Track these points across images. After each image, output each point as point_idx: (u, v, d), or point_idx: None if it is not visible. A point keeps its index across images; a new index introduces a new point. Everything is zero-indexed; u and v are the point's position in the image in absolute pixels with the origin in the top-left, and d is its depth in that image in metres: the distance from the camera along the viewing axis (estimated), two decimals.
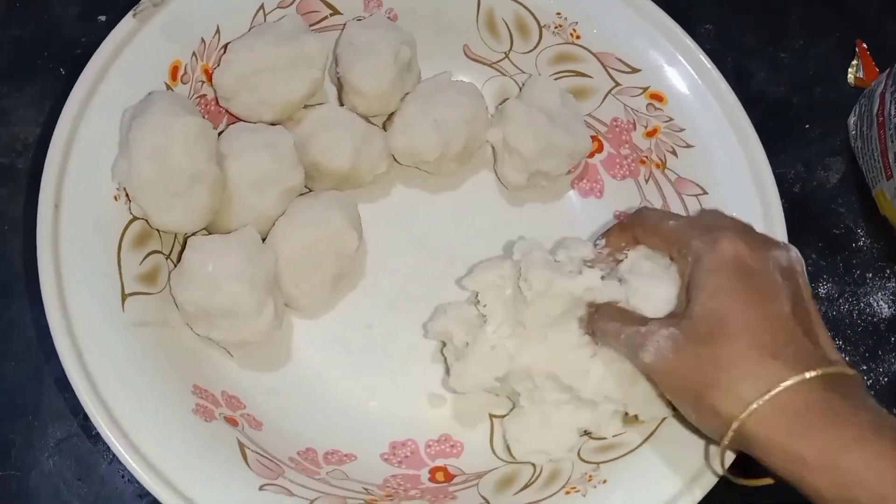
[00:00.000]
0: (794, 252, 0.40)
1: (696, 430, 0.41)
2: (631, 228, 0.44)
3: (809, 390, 0.35)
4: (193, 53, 0.47)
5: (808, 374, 0.35)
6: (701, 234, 0.39)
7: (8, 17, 0.55)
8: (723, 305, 0.37)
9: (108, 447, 0.42)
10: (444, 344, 0.47)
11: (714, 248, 0.38)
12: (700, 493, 0.40)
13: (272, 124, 0.48)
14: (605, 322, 0.41)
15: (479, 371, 0.44)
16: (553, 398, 0.43)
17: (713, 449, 0.40)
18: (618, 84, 0.51)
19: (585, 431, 0.44)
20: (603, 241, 0.45)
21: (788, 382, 0.35)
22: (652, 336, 0.38)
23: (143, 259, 0.44)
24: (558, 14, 0.51)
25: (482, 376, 0.44)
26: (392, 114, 0.51)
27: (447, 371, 0.46)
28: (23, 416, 0.46)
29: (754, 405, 0.35)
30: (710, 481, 0.40)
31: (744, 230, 0.40)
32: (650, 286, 0.41)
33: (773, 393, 0.34)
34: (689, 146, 0.50)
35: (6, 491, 0.45)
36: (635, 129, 0.51)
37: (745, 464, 0.38)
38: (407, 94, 0.50)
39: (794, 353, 0.36)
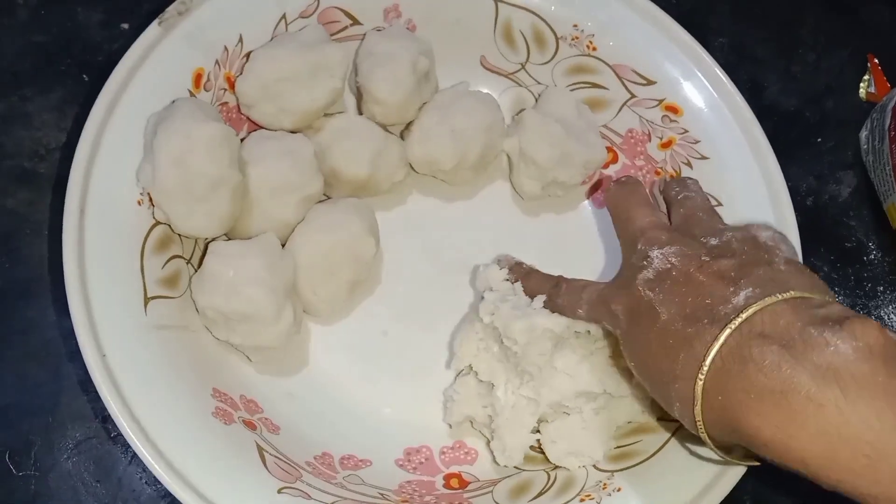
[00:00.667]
0: (656, 259, 0.39)
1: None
2: (528, 277, 0.46)
3: (720, 371, 0.34)
4: (216, 61, 0.48)
5: (705, 362, 0.34)
6: (600, 312, 0.41)
7: (32, 23, 0.55)
8: (637, 360, 0.39)
9: (128, 448, 0.43)
10: (471, 422, 0.46)
11: (612, 319, 0.40)
12: (714, 502, 0.41)
13: (292, 132, 0.49)
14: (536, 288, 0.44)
15: (516, 437, 0.44)
16: (590, 407, 0.43)
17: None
18: (633, 96, 0.52)
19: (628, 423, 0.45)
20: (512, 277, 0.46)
21: (698, 386, 0.34)
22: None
23: (165, 263, 0.45)
24: (575, 26, 0.52)
25: (521, 438, 0.44)
26: (410, 123, 0.51)
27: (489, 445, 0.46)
28: (42, 417, 0.46)
29: (697, 416, 0.35)
30: (724, 490, 0.41)
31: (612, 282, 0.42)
32: (511, 307, 0.44)
33: (698, 398, 0.35)
34: (703, 158, 0.50)
35: (25, 491, 0.45)
36: (650, 140, 0.52)
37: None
38: (425, 103, 0.51)
39: (686, 355, 0.35)
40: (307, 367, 0.47)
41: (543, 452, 0.45)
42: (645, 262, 0.39)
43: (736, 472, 0.41)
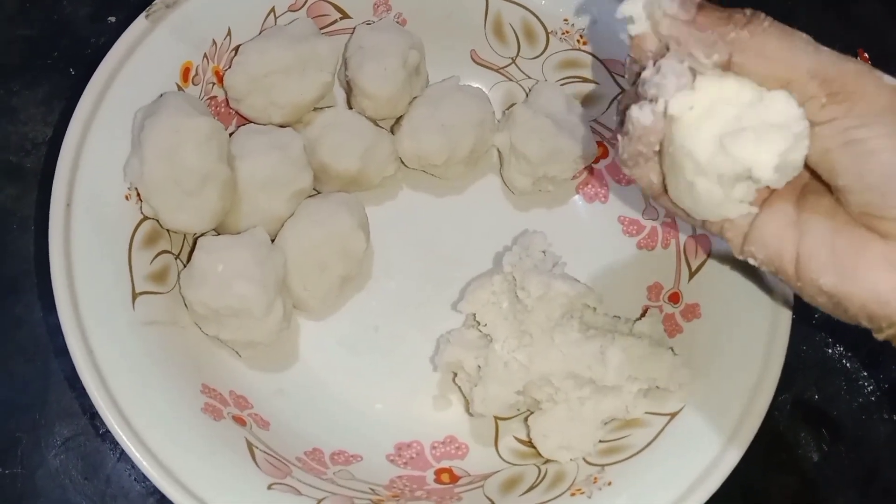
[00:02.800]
0: None
1: (700, 432, 0.42)
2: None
3: None
4: (205, 55, 0.47)
5: None
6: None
7: (18, 16, 0.55)
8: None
9: (116, 445, 0.43)
10: (454, 374, 0.47)
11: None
12: (704, 496, 0.41)
13: (282, 126, 0.48)
14: None
15: (500, 390, 0.44)
16: (576, 395, 0.44)
17: None
18: (623, 90, 0.52)
19: (612, 420, 0.44)
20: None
21: None
22: None
23: (154, 258, 0.44)
24: (565, 20, 0.51)
25: (503, 394, 0.44)
26: (400, 117, 0.51)
27: (466, 399, 0.46)
28: (29, 414, 0.46)
29: None
30: (714, 484, 0.41)
31: None
32: (534, 264, 0.46)
33: None
34: None
35: (12, 489, 0.45)
36: None
37: None
38: (415, 98, 0.51)
39: None
40: (297, 363, 0.47)
41: (534, 447, 0.45)
42: None
43: (727, 466, 0.41)
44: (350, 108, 0.51)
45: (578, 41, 0.52)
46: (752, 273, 0.45)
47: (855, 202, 0.32)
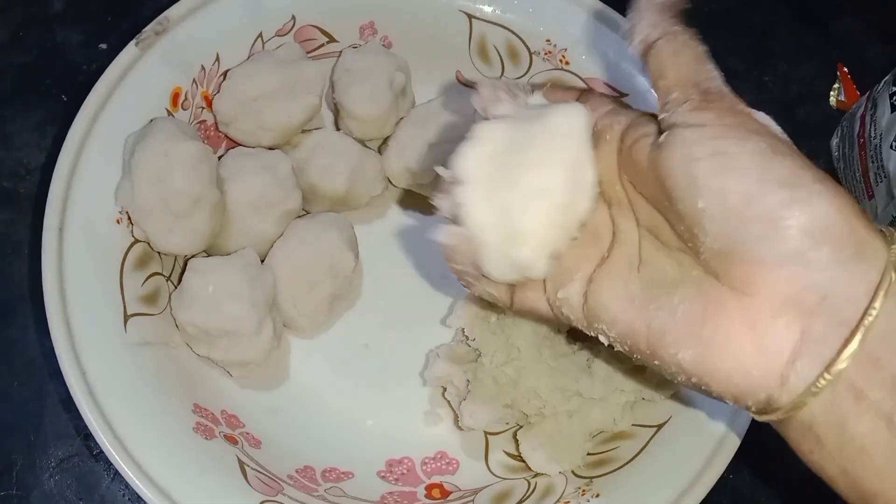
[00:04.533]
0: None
1: (687, 443, 0.42)
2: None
3: None
4: (194, 80, 0.48)
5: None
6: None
7: (12, 44, 0.56)
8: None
9: (110, 466, 0.43)
10: (443, 389, 0.47)
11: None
12: None
13: (270, 149, 0.49)
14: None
15: (488, 404, 0.45)
16: (564, 409, 0.44)
17: None
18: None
19: (600, 432, 0.45)
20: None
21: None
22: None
23: (145, 281, 0.45)
24: (548, 41, 0.53)
25: (492, 409, 0.45)
26: (387, 138, 0.52)
27: (455, 414, 0.47)
28: (24, 436, 0.47)
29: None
30: (700, 493, 0.41)
31: None
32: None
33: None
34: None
35: None
36: None
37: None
38: (401, 118, 0.52)
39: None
40: (288, 381, 0.47)
41: (524, 461, 0.45)
42: None
43: (713, 475, 0.42)
44: (338, 129, 0.52)
45: (561, 61, 0.53)
46: None
47: (712, 232, 0.28)
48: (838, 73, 0.62)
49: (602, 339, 0.32)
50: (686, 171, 0.29)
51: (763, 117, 0.30)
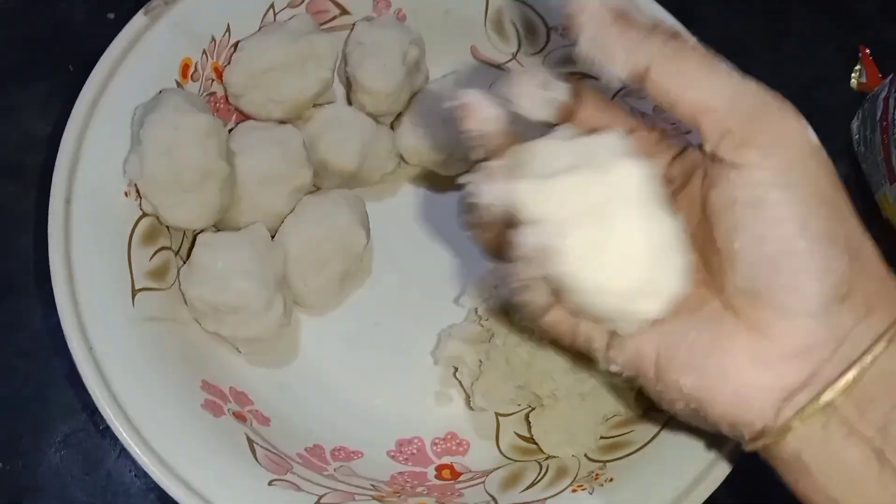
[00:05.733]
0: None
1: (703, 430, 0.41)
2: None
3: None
4: (204, 51, 0.47)
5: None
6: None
7: (18, 13, 0.55)
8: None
9: (116, 442, 0.42)
10: (455, 369, 0.47)
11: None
12: (707, 492, 0.41)
13: (281, 122, 0.48)
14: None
15: (501, 385, 0.44)
16: (577, 391, 0.43)
17: None
18: (624, 86, 0.52)
19: (615, 416, 0.44)
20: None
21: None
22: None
23: (153, 255, 0.44)
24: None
25: (504, 389, 0.44)
26: (400, 113, 0.51)
27: (467, 395, 0.46)
28: (30, 411, 0.46)
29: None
30: (716, 479, 0.41)
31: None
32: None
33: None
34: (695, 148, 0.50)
35: (14, 485, 0.45)
36: None
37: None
38: (415, 93, 0.51)
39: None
40: (298, 359, 0.47)
41: (536, 443, 0.45)
42: None
43: (730, 460, 0.41)
44: (350, 104, 0.51)
45: None
46: None
47: (743, 274, 0.28)
48: (860, 55, 0.61)
49: (612, 367, 0.33)
50: (728, 212, 0.29)
51: (809, 133, 0.29)
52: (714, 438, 0.41)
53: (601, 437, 0.44)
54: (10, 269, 0.49)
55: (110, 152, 0.44)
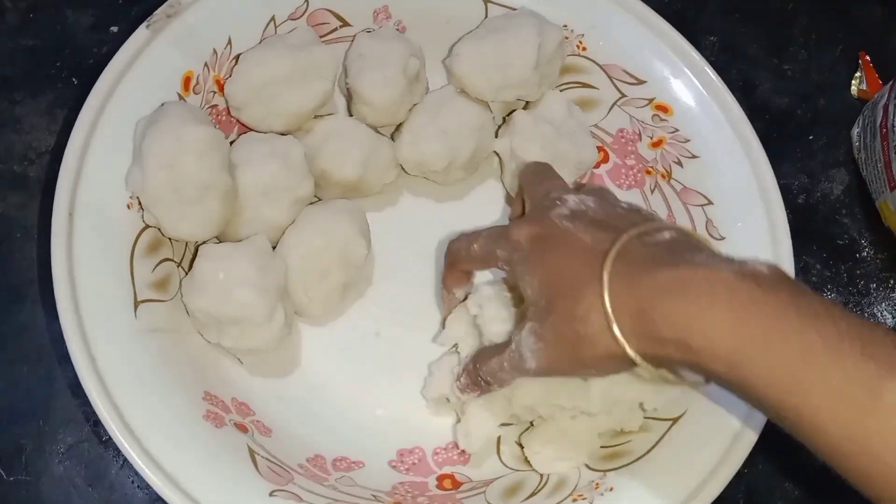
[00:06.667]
0: (571, 201, 0.40)
1: (703, 437, 0.41)
2: (454, 266, 0.45)
3: (629, 272, 0.35)
4: (205, 64, 0.48)
5: (608, 258, 0.36)
6: (497, 241, 0.42)
7: (22, 26, 0.55)
8: (543, 276, 0.39)
9: (119, 453, 0.43)
10: (447, 400, 0.46)
11: (511, 243, 0.40)
12: (707, 501, 0.41)
13: (282, 134, 0.49)
14: (487, 365, 0.41)
15: (483, 427, 0.44)
16: (567, 415, 0.43)
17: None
18: (623, 95, 0.52)
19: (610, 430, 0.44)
20: (444, 291, 0.47)
21: (605, 278, 0.35)
22: (521, 344, 0.39)
23: (155, 267, 0.45)
24: (565, 26, 0.52)
25: (487, 430, 0.44)
26: (400, 124, 0.51)
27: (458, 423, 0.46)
28: (34, 421, 0.46)
29: (613, 325, 0.35)
30: (715, 489, 0.41)
31: (526, 212, 0.43)
32: (497, 309, 0.43)
33: (606, 300, 0.35)
34: (694, 157, 0.50)
35: (17, 496, 0.45)
36: (641, 139, 0.52)
37: None
38: (415, 104, 0.51)
39: (594, 257, 0.37)
40: (299, 369, 0.47)
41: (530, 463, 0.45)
42: (559, 203, 0.40)
43: (729, 471, 0.41)
44: (350, 115, 0.51)
45: (578, 46, 0.52)
46: None
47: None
48: (860, 62, 0.61)
49: None
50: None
51: None
52: (716, 448, 0.41)
53: (601, 447, 0.44)
54: (14, 280, 0.49)
55: (113, 165, 0.44)
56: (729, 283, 0.33)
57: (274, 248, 0.46)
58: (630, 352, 0.35)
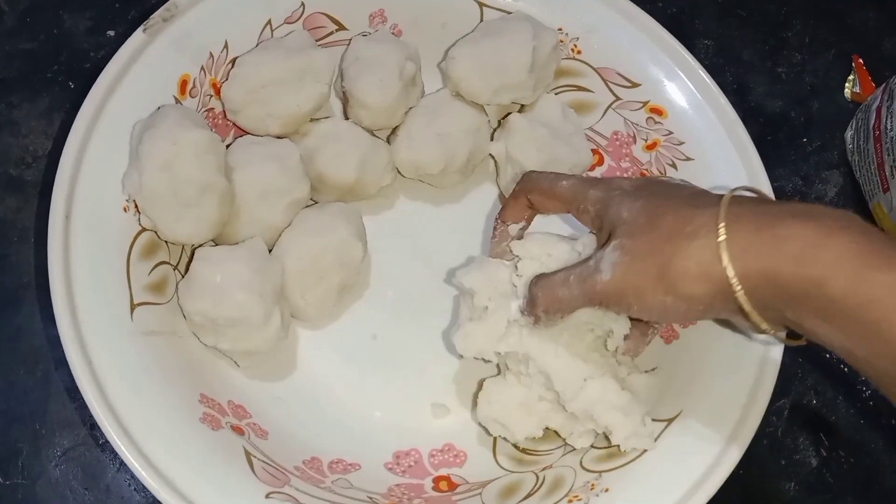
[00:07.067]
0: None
1: (698, 440, 0.42)
2: (524, 195, 0.44)
3: (749, 206, 0.35)
4: (202, 67, 0.48)
5: (730, 195, 0.36)
6: (594, 183, 0.41)
7: (19, 30, 0.55)
8: (648, 199, 0.38)
9: (116, 456, 0.43)
10: (468, 297, 0.45)
11: (610, 188, 0.40)
12: (702, 501, 0.41)
13: (279, 137, 0.49)
14: (548, 279, 0.40)
15: (486, 340, 0.44)
16: (538, 392, 0.44)
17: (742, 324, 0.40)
18: (618, 98, 0.52)
19: (555, 432, 0.45)
20: (499, 221, 0.45)
21: (722, 210, 0.35)
22: (601, 259, 0.38)
23: (152, 269, 0.45)
24: (560, 29, 0.52)
25: (486, 346, 0.44)
26: (396, 127, 0.51)
27: (455, 323, 0.46)
28: (30, 425, 0.46)
29: (721, 238, 0.34)
30: (710, 490, 0.41)
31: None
32: (558, 245, 0.43)
33: (721, 226, 0.35)
34: (688, 159, 0.50)
35: (13, 499, 0.45)
36: (635, 142, 0.52)
37: None
38: (411, 108, 0.51)
39: (713, 198, 0.37)
40: (296, 372, 0.47)
41: (529, 454, 0.45)
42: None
43: (724, 471, 0.41)
44: (346, 118, 0.52)
45: (573, 50, 0.52)
46: None
47: None
48: (854, 65, 0.61)
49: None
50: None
51: None
52: (711, 449, 0.42)
53: (596, 448, 0.44)
54: (12, 282, 0.49)
55: (110, 168, 0.44)
56: (851, 216, 0.33)
57: (270, 250, 0.46)
58: (731, 273, 0.34)
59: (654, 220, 0.37)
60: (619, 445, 0.42)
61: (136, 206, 0.44)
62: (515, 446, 0.46)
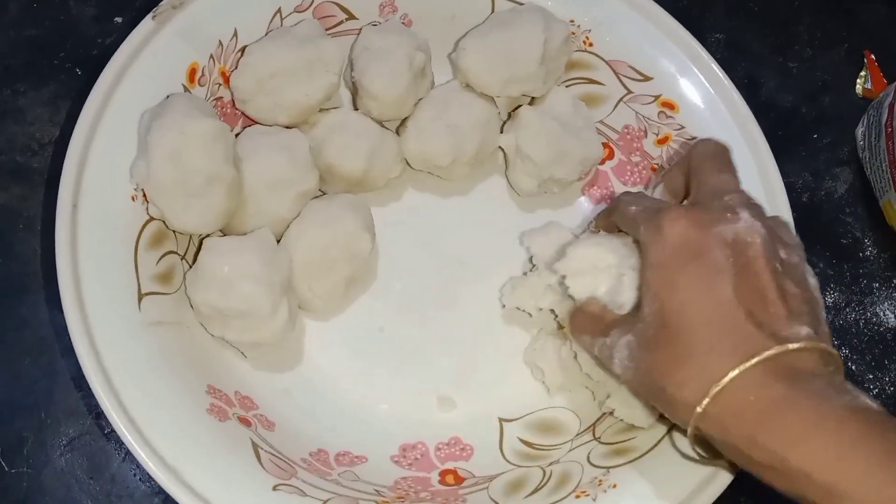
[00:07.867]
0: (744, 221, 0.37)
1: None
2: (610, 215, 0.44)
3: (752, 381, 0.34)
4: (211, 56, 0.47)
5: (743, 366, 0.34)
6: (647, 218, 0.38)
7: (25, 16, 0.55)
8: (665, 305, 0.36)
9: (122, 445, 0.43)
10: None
11: (657, 234, 0.37)
12: (709, 499, 0.41)
13: (287, 127, 0.48)
14: (579, 335, 0.42)
15: (532, 294, 0.47)
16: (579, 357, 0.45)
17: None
18: (630, 92, 0.52)
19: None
20: (593, 224, 0.47)
21: (724, 380, 0.34)
22: (614, 348, 0.39)
23: (159, 259, 0.44)
24: (571, 21, 0.52)
25: (532, 298, 0.47)
26: (405, 119, 0.51)
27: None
28: (36, 414, 0.46)
29: (699, 409, 0.35)
30: (719, 487, 0.41)
31: (691, 206, 0.39)
32: (624, 274, 0.41)
33: (712, 394, 0.34)
34: None
35: (18, 488, 0.45)
36: (646, 136, 0.52)
37: None
38: (420, 99, 0.51)
39: (732, 345, 0.35)
40: (303, 364, 0.47)
41: (536, 449, 0.45)
42: (729, 216, 0.37)
43: (732, 469, 0.41)
44: (356, 109, 0.51)
45: (584, 42, 0.52)
46: None
47: None
48: (865, 61, 0.61)
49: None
50: None
51: None
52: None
53: (603, 443, 0.44)
54: (17, 271, 0.49)
55: (117, 157, 0.44)
56: (839, 415, 0.32)
57: (278, 241, 0.46)
58: (690, 430, 0.36)
59: (660, 343, 0.37)
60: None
61: (145, 196, 0.44)
62: (523, 441, 0.46)
